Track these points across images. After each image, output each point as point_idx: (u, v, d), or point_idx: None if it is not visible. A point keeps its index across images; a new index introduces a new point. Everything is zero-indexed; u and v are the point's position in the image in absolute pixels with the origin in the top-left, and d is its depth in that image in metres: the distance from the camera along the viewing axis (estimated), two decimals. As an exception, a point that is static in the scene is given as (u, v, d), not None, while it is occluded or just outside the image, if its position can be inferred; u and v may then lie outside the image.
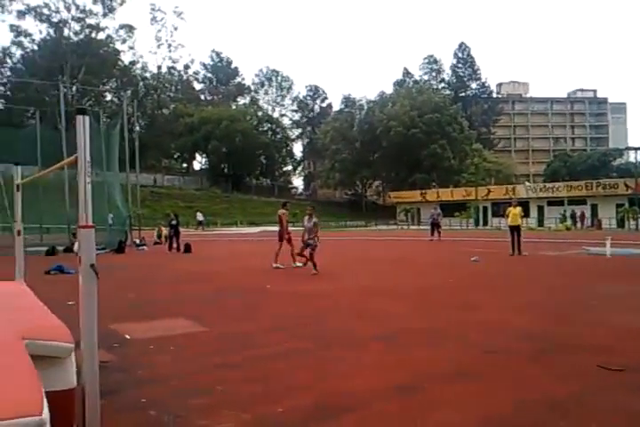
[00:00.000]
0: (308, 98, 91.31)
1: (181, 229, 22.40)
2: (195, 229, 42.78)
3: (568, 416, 3.59)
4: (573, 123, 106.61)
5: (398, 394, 4.09)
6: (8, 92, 66.35)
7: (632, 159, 69.01)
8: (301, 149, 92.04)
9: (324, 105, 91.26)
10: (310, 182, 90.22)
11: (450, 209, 47.26)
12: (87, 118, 2.80)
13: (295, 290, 9.69)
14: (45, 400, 2.10)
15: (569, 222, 43.53)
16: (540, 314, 7.24)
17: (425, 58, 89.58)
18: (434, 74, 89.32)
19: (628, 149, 66.73)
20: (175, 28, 78.10)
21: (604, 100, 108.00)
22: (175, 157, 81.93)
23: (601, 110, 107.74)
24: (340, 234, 35.57)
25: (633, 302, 8.15)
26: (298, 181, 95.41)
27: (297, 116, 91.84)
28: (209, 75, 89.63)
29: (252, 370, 4.76)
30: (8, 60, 66.96)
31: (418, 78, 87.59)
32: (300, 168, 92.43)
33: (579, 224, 43.97)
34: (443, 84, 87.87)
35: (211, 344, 5.75)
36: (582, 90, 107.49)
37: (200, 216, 44.44)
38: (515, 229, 16.92)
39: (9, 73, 66.89)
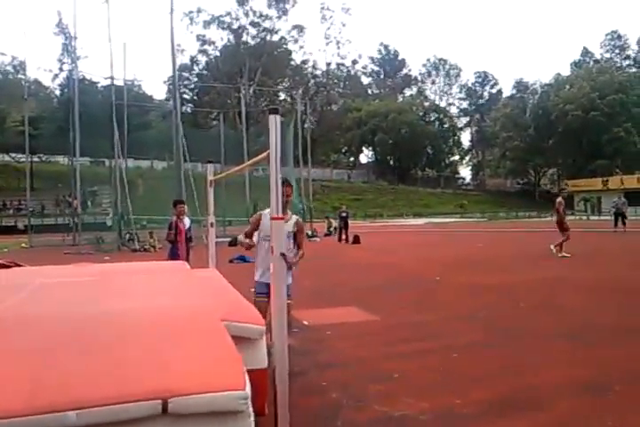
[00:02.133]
0: (477, 85, 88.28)
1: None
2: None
3: None
4: None
5: (586, 394, 3.88)
6: (195, 97, 72.73)
7: None
8: (469, 138, 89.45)
9: (493, 91, 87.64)
10: (478, 172, 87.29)
11: (636, 198, 42.85)
12: (278, 117, 3.02)
13: (468, 282, 9.50)
14: (247, 377, 2.32)
15: None
16: None
17: (607, 34, 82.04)
18: (617, 51, 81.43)
19: None
20: (343, 25, 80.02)
21: None
22: (343, 151, 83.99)
23: None
24: (511, 226, 34.07)
25: None
26: (465, 172, 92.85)
27: (465, 104, 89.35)
28: (376, 68, 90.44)
29: (427, 360, 4.80)
30: (195, 68, 73.38)
31: (599, 57, 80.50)
32: (467, 158, 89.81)
33: None
34: (628, 62, 79.79)
35: (384, 333, 5.88)
36: None
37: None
38: None
39: (195, 79, 73.23)
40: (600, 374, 4.31)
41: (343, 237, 21.64)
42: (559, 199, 13.93)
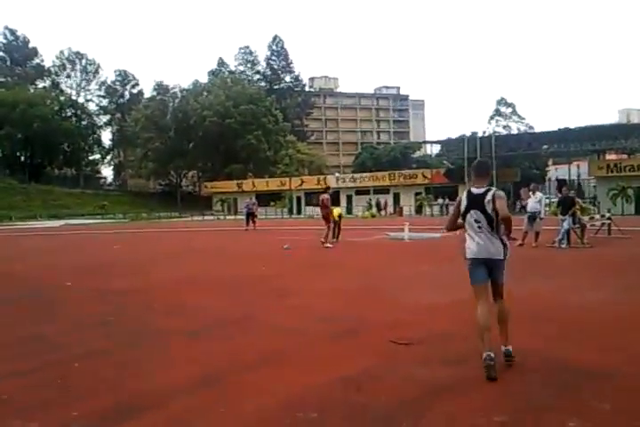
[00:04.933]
0: (117, 83, 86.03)
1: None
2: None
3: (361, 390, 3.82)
4: (379, 117, 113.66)
5: (202, 387, 4.03)
6: None
7: (428, 152, 76.20)
8: (110, 137, 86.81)
9: (134, 91, 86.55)
10: (121, 172, 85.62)
11: (266, 199, 48.15)
12: None
13: (103, 288, 9.11)
14: None
15: (374, 210, 46.72)
16: (342, 297, 7.64)
17: (241, 48, 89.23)
18: (249, 65, 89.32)
19: (425, 142, 73.15)
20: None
21: (406, 97, 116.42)
22: (-39, 144, 72.56)
23: (403, 106, 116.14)
24: (153, 226, 34.31)
25: (425, 281, 8.95)
26: (107, 171, 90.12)
27: (105, 102, 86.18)
28: (1, 54, 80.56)
29: (44, 376, 4.38)
30: None
31: (233, 69, 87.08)
32: (109, 157, 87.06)
33: (383, 211, 47.52)
34: (258, 76, 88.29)
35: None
36: (387, 87, 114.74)
37: None
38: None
39: None
40: (216, 368, 4.55)
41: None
42: (325, 196, 15.63)
